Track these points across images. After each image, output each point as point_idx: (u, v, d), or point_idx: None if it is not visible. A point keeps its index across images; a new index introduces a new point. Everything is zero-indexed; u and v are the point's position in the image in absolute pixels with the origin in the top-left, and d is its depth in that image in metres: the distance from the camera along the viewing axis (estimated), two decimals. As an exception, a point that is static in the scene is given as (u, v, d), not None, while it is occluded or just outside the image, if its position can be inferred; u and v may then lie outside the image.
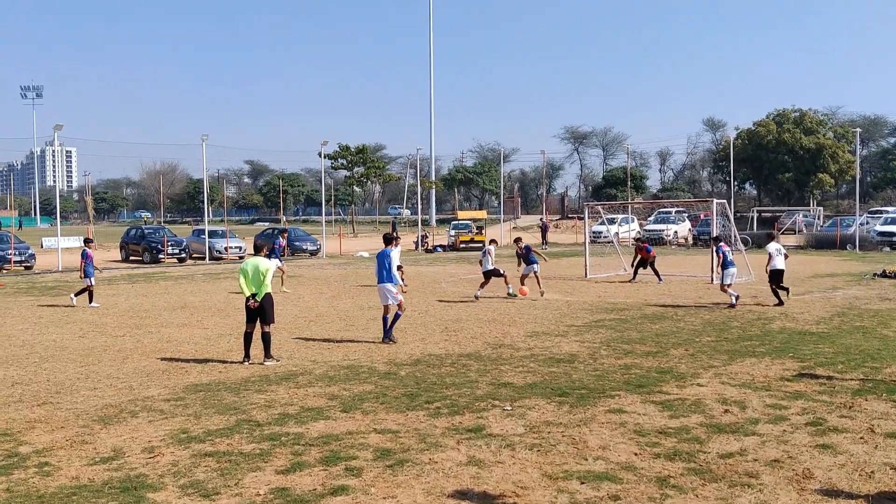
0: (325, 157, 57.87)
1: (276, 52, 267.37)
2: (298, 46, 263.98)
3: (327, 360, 12.39)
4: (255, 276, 12.14)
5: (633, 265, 26.48)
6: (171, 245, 39.19)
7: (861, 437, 7.82)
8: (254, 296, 12.10)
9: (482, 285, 21.00)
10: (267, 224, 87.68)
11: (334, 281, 27.04)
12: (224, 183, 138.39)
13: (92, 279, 20.15)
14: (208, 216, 54.47)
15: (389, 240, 14.32)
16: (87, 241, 21.12)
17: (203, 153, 42.29)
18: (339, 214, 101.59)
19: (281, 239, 25.73)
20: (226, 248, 40.54)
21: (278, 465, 7.20)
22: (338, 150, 74.49)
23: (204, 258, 39.40)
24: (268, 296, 12.16)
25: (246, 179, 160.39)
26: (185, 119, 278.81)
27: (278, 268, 23.49)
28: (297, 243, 43.80)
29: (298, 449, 7.66)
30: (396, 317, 13.95)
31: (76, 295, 20.19)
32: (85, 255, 20.25)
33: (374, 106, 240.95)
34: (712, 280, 23.92)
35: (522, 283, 21.32)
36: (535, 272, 21.54)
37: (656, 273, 25.43)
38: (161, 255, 38.31)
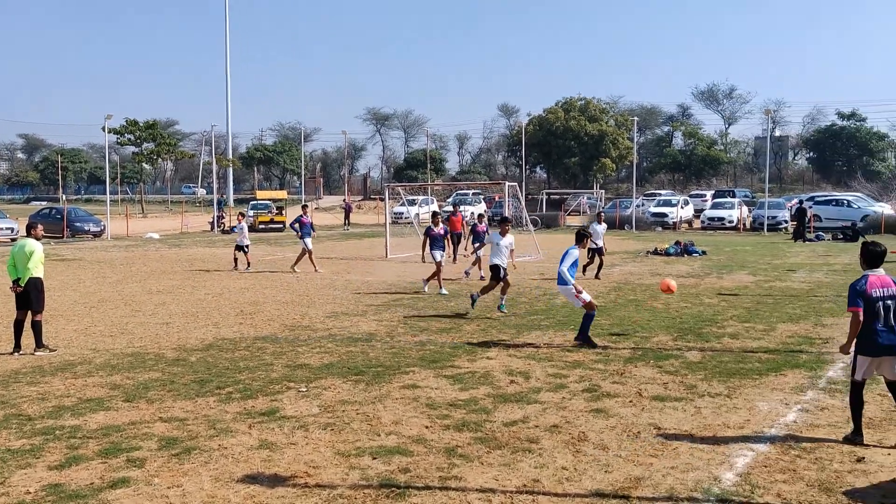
0: (109, 132, 54.07)
1: (51, 16, 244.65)
2: (80, 11, 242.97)
3: (109, 347, 11.65)
4: (20, 259, 11.15)
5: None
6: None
7: (630, 401, 8.54)
8: (17, 280, 11.12)
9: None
10: (44, 203, 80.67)
11: (119, 264, 25.43)
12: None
13: None
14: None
15: (581, 237, 12.23)
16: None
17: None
18: (127, 193, 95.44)
19: (304, 216, 22.77)
20: (-6, 230, 36.87)
21: (51, 460, 6.70)
22: (125, 124, 69.85)
23: (-32, 241, 35.62)
24: (35, 281, 11.18)
25: (20, 154, 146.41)
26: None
27: (305, 250, 22.23)
28: (77, 224, 40.79)
29: (75, 442, 7.16)
30: (587, 318, 11.74)
31: None
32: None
33: (167, 79, 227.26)
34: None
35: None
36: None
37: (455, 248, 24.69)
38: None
